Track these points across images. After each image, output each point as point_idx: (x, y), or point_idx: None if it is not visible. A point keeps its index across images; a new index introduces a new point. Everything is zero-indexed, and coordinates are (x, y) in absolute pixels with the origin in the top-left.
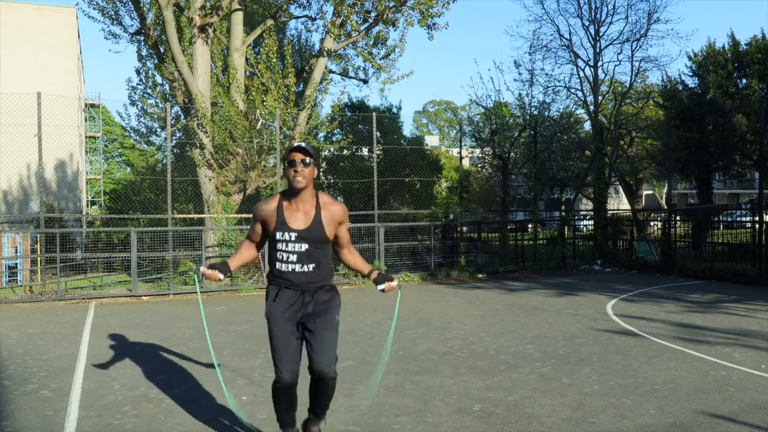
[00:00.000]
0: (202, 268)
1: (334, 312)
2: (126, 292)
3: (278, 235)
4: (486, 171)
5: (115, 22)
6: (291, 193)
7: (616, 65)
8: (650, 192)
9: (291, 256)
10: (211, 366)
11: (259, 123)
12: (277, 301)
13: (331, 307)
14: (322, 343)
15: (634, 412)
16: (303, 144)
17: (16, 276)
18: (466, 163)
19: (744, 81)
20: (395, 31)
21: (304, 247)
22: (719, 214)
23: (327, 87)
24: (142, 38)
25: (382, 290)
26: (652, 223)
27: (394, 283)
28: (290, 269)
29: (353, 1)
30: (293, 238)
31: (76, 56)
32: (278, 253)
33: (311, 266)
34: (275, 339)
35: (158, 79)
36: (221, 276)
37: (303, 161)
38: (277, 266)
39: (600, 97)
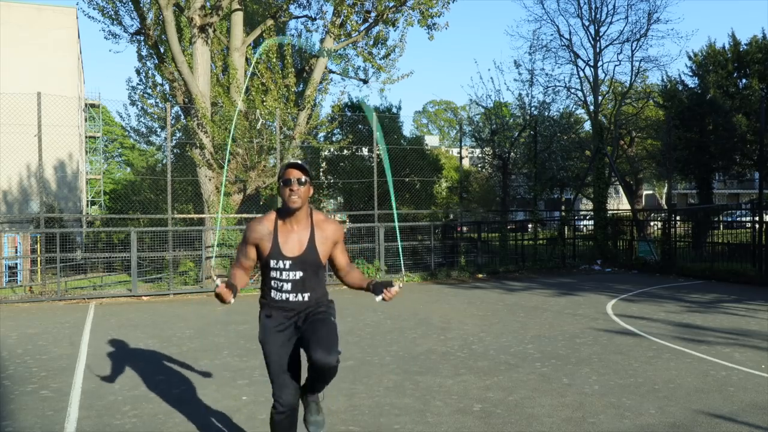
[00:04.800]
0: (219, 282)
1: (330, 315)
2: (126, 292)
3: (272, 263)
4: (486, 171)
5: (115, 22)
6: (285, 212)
7: (616, 65)
8: (650, 192)
9: (285, 284)
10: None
11: (259, 123)
12: (271, 324)
13: (327, 310)
14: (321, 335)
15: (634, 412)
16: (299, 161)
17: (16, 276)
18: (466, 163)
19: (744, 81)
20: (395, 31)
21: (299, 274)
22: (719, 214)
23: (327, 87)
24: (142, 38)
25: (382, 299)
26: (652, 223)
27: (395, 289)
28: (284, 298)
29: (353, 1)
30: (287, 266)
31: (76, 56)
32: (272, 281)
33: (306, 295)
34: (272, 363)
35: (158, 79)
36: (232, 300)
37: (299, 180)
38: (271, 294)
39: (600, 97)
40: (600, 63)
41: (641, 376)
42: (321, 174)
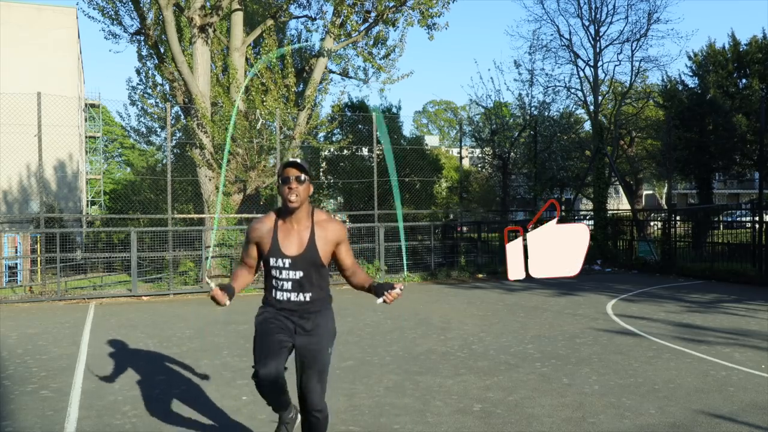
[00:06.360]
0: (213, 285)
1: (327, 344)
2: (126, 292)
3: (272, 261)
4: (486, 171)
5: (115, 22)
6: (285, 211)
7: (616, 65)
8: (650, 192)
9: (285, 283)
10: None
11: (259, 123)
12: (268, 315)
13: (323, 339)
14: (312, 377)
15: (634, 412)
16: (298, 160)
17: (16, 276)
18: (466, 163)
19: (744, 81)
20: (395, 31)
21: (299, 274)
22: (719, 214)
23: (327, 87)
24: (142, 38)
25: (384, 302)
26: (652, 223)
27: (396, 291)
28: (285, 297)
29: (353, 1)
30: (287, 265)
31: (76, 56)
32: (273, 280)
33: (307, 295)
34: (257, 338)
35: (158, 79)
36: (228, 302)
37: (297, 178)
38: (272, 293)
39: (600, 97)
40: (600, 63)
41: (641, 376)
42: (321, 174)
